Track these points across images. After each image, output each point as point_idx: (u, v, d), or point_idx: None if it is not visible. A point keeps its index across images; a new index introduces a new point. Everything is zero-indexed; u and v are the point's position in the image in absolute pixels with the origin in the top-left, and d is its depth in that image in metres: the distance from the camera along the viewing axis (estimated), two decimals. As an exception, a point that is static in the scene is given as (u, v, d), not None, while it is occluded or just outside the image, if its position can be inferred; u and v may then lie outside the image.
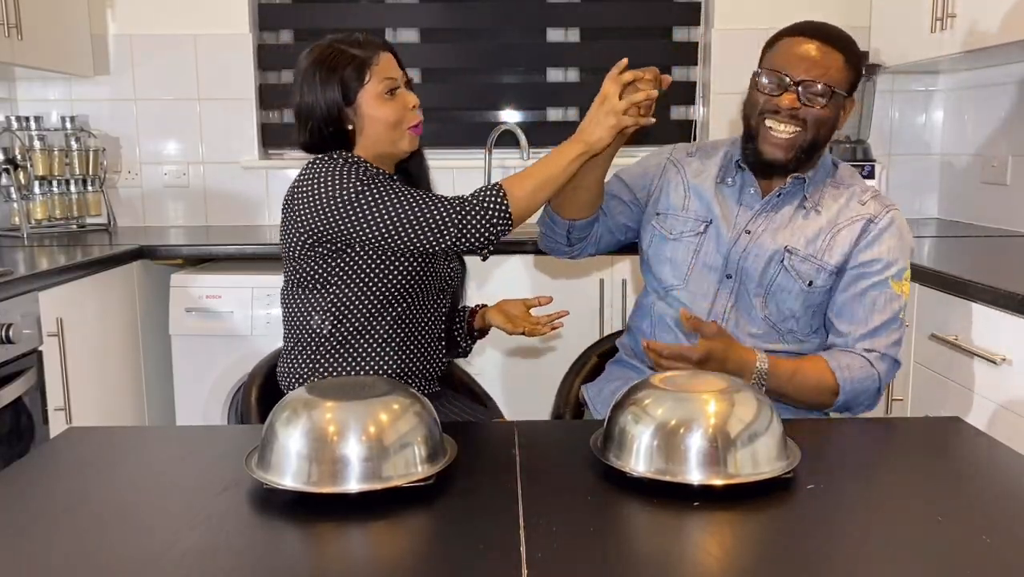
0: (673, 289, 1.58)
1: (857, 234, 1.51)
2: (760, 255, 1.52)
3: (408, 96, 1.51)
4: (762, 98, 1.48)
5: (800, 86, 1.45)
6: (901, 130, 3.13)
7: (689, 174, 1.63)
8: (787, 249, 1.51)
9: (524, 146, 2.98)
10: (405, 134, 1.51)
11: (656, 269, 1.61)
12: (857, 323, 1.49)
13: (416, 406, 1.05)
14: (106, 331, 2.37)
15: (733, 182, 1.58)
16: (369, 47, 1.49)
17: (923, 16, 2.56)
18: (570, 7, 3.14)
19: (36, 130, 2.81)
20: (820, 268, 1.50)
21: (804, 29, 1.51)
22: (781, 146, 1.47)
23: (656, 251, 1.61)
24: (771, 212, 1.54)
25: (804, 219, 1.53)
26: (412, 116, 1.51)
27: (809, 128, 1.46)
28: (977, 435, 1.20)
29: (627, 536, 0.91)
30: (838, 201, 1.54)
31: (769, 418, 1.04)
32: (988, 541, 0.88)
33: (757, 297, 1.52)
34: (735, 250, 1.53)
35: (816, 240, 1.51)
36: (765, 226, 1.54)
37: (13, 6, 2.44)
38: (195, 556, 0.86)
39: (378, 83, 1.47)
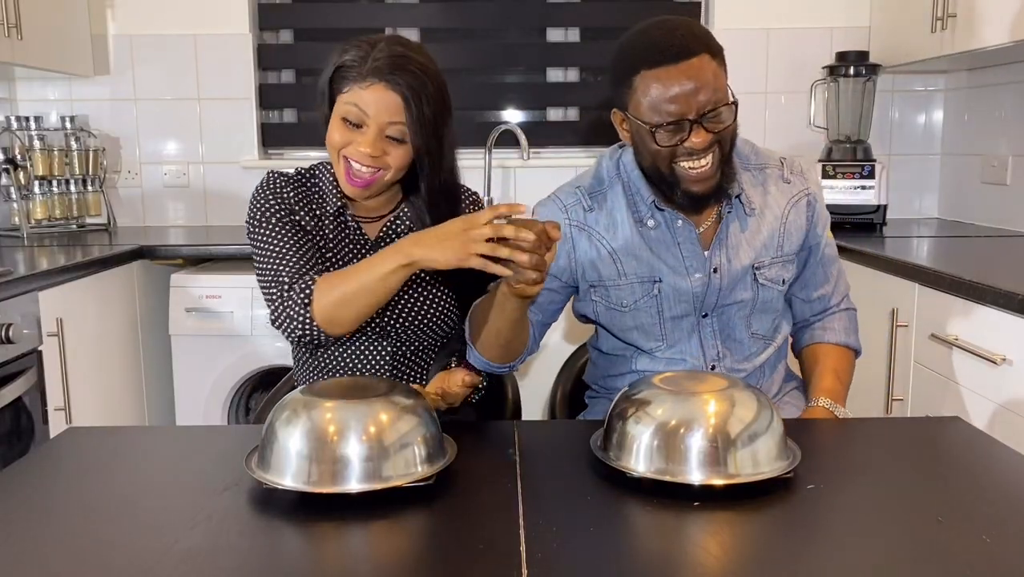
0: (655, 351, 1.49)
1: (805, 212, 1.50)
2: (734, 287, 1.45)
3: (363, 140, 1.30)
4: (666, 150, 1.32)
5: (702, 120, 1.30)
6: (901, 130, 3.13)
7: (603, 233, 1.44)
8: (755, 267, 1.45)
9: (524, 146, 2.98)
10: (340, 165, 1.34)
11: (623, 336, 1.50)
12: (827, 284, 1.59)
13: (416, 406, 1.05)
14: (106, 331, 2.37)
15: (655, 223, 1.43)
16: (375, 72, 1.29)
17: (923, 16, 2.57)
18: (570, 7, 3.14)
19: (36, 130, 2.81)
20: (785, 263, 1.49)
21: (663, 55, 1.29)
22: (706, 178, 1.34)
23: (613, 321, 1.48)
24: (723, 239, 1.44)
25: (751, 228, 1.45)
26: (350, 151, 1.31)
27: (723, 146, 1.35)
28: (977, 435, 1.20)
29: (627, 536, 0.91)
30: (765, 189, 1.47)
31: (769, 418, 1.04)
32: (988, 541, 0.88)
33: (741, 323, 1.48)
34: (709, 292, 1.44)
35: (773, 242, 1.47)
36: (727, 256, 1.44)
37: (13, 6, 2.44)
38: (195, 556, 0.86)
39: (345, 102, 1.31)
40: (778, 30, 3.04)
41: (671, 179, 1.35)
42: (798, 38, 3.04)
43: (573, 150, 3.20)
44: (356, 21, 3.12)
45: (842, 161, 2.78)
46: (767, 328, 1.53)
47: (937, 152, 3.13)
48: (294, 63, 3.16)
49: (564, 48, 3.19)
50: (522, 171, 3.14)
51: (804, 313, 1.61)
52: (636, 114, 1.34)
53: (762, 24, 3.05)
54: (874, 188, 2.71)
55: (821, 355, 1.57)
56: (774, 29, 3.05)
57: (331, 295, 1.23)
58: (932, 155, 3.13)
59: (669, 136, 1.31)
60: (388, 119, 1.30)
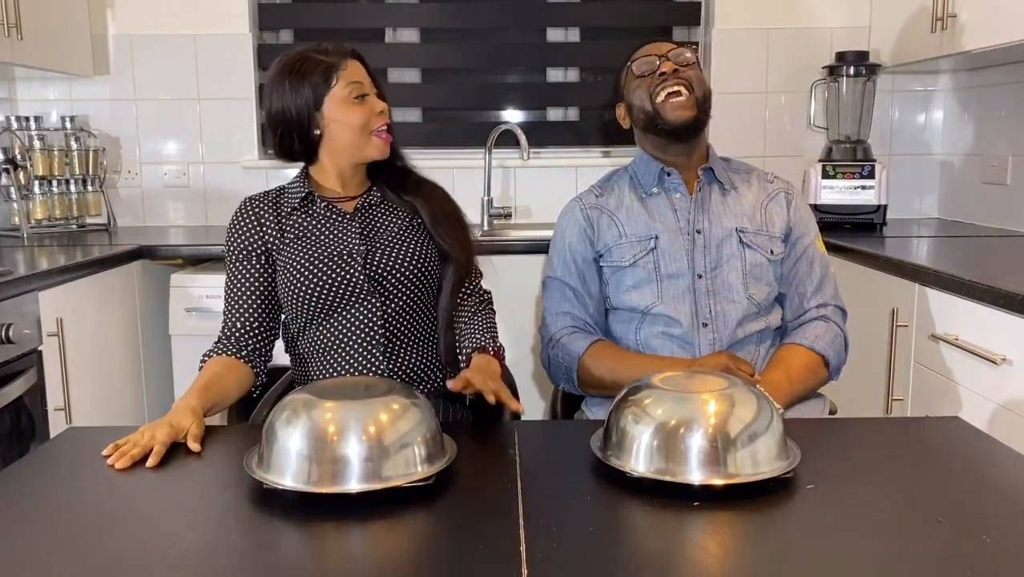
0: (652, 308, 1.61)
1: (784, 205, 1.69)
2: (721, 245, 1.63)
3: (376, 102, 1.51)
4: (645, 81, 1.64)
5: (668, 56, 1.64)
6: (901, 130, 3.13)
7: (612, 208, 1.70)
8: (738, 230, 1.64)
9: (524, 146, 2.98)
10: (371, 139, 1.50)
11: (624, 298, 1.64)
12: (805, 282, 1.66)
13: (416, 406, 1.05)
14: (106, 331, 2.37)
15: (658, 190, 1.68)
16: (337, 54, 1.49)
17: (923, 16, 2.57)
18: (570, 7, 3.14)
19: (36, 130, 2.81)
20: (771, 237, 1.65)
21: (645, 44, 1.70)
22: (683, 107, 1.60)
23: (617, 282, 1.65)
24: (703, 204, 1.66)
25: (734, 200, 1.67)
26: (378, 119, 1.50)
27: (695, 87, 1.62)
28: (977, 435, 1.20)
29: (627, 536, 0.91)
30: (749, 182, 1.71)
31: (769, 418, 1.04)
32: (988, 541, 0.88)
33: (739, 282, 1.61)
34: (696, 251, 1.62)
35: (755, 216, 1.66)
36: (708, 219, 1.65)
37: (13, 6, 2.44)
38: (195, 556, 0.86)
39: (344, 87, 1.47)
40: (778, 30, 3.04)
41: (654, 113, 1.63)
42: (798, 38, 3.04)
43: (573, 150, 3.20)
44: (356, 21, 3.12)
45: (842, 161, 2.78)
46: (763, 297, 1.63)
47: (937, 152, 3.13)
48: (294, 63, 3.16)
49: (564, 48, 3.19)
50: (522, 171, 3.14)
51: (786, 315, 1.67)
52: (628, 86, 1.69)
53: (762, 24, 3.05)
54: (874, 188, 2.71)
55: (780, 354, 1.62)
56: (774, 29, 3.05)
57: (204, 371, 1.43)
58: (932, 155, 3.13)
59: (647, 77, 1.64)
60: (369, 80, 1.52)
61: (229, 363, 1.46)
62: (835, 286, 1.69)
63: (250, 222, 1.53)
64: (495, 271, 2.63)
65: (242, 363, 1.47)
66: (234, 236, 1.54)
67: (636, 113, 1.67)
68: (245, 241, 1.52)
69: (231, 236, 1.54)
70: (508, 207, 3.14)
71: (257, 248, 1.52)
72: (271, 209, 1.55)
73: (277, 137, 1.52)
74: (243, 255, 1.52)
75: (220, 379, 1.41)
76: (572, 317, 1.68)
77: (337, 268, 1.48)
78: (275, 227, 1.53)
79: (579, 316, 1.68)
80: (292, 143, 1.51)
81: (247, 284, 1.51)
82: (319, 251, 1.49)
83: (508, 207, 3.14)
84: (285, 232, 1.52)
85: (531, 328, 2.55)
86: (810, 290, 1.65)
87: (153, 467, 1.09)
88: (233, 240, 1.53)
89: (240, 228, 1.53)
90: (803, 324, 1.64)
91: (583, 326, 1.68)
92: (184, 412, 1.21)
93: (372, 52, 3.11)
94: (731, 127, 3.01)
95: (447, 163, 3.10)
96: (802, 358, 1.59)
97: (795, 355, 1.59)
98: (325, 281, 1.48)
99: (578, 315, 1.68)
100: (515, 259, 2.57)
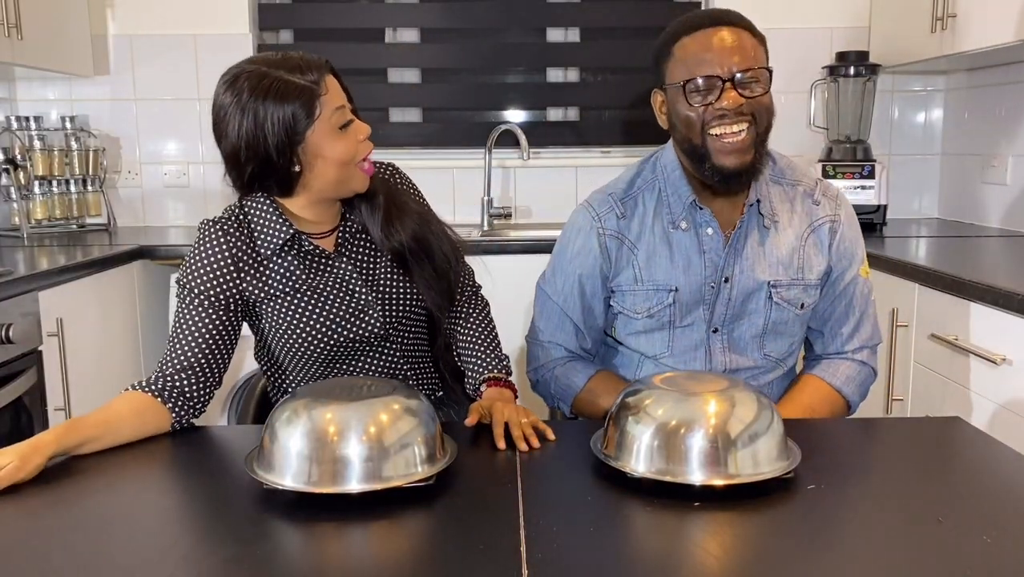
0: (659, 357, 1.49)
1: (827, 239, 1.47)
2: (747, 301, 1.44)
3: (360, 127, 1.31)
4: (699, 109, 1.32)
5: (736, 79, 1.31)
6: (901, 130, 3.13)
7: (633, 238, 1.46)
8: (770, 285, 1.43)
9: (524, 146, 2.98)
10: (356, 173, 1.31)
11: (630, 340, 1.51)
12: (842, 322, 1.50)
13: (416, 406, 1.05)
14: (106, 331, 2.37)
15: (688, 226, 1.43)
16: (313, 70, 1.26)
17: (923, 16, 2.57)
18: (570, 7, 3.14)
19: (36, 130, 2.81)
20: (806, 288, 1.45)
21: (701, 21, 1.35)
22: (738, 150, 1.33)
23: (625, 323, 1.50)
24: (738, 248, 1.43)
25: (771, 242, 1.44)
26: (364, 148, 1.31)
27: (759, 121, 1.34)
28: (977, 435, 1.20)
29: (627, 536, 0.91)
30: (792, 205, 1.46)
31: (769, 418, 1.04)
32: (988, 541, 0.88)
33: (755, 339, 1.46)
34: (719, 302, 1.44)
35: (791, 262, 1.44)
36: (740, 268, 1.43)
37: (13, 6, 2.44)
38: (195, 556, 0.86)
39: (330, 116, 1.26)
40: (778, 30, 3.03)
41: (703, 150, 1.34)
42: (798, 38, 3.04)
43: (573, 150, 3.20)
44: (356, 21, 3.12)
45: (842, 161, 2.79)
46: (782, 353, 1.49)
47: (937, 152, 3.13)
48: (294, 63, 3.16)
49: (564, 48, 3.19)
50: (522, 171, 3.14)
51: (816, 348, 1.55)
52: (672, 79, 1.36)
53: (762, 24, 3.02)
54: (874, 188, 2.71)
55: (806, 387, 1.49)
56: (774, 29, 3.02)
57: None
58: (932, 155, 3.13)
59: (701, 96, 1.32)
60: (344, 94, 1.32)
61: (144, 403, 1.23)
62: (874, 321, 1.53)
63: (226, 269, 1.31)
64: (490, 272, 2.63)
65: (161, 406, 1.24)
66: (202, 276, 1.30)
67: (677, 130, 1.38)
68: (215, 287, 1.30)
69: (197, 273, 1.30)
70: (508, 207, 3.14)
71: (229, 298, 1.31)
72: (249, 251, 1.33)
73: (243, 171, 1.30)
74: (207, 299, 1.30)
75: (116, 421, 1.19)
76: (566, 349, 1.54)
77: (355, 324, 1.37)
78: (256, 275, 1.33)
79: (574, 349, 1.54)
80: (265, 180, 1.30)
81: (200, 328, 1.29)
82: (330, 306, 1.36)
83: (508, 207, 3.14)
84: (268, 280, 1.34)
85: (531, 328, 2.56)
86: (846, 332, 1.50)
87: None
88: (199, 279, 1.30)
89: (212, 271, 1.30)
90: (836, 360, 1.51)
91: (577, 357, 1.55)
92: (33, 449, 1.07)
93: (372, 52, 3.14)
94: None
95: (447, 163, 3.10)
96: (826, 397, 1.47)
97: (820, 393, 1.48)
98: (343, 337, 1.37)
99: (572, 348, 1.54)
100: (515, 259, 2.56)
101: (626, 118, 3.19)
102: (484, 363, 1.44)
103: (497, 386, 1.39)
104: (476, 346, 1.46)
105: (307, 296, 1.35)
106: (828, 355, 1.53)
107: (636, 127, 3.16)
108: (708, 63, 1.31)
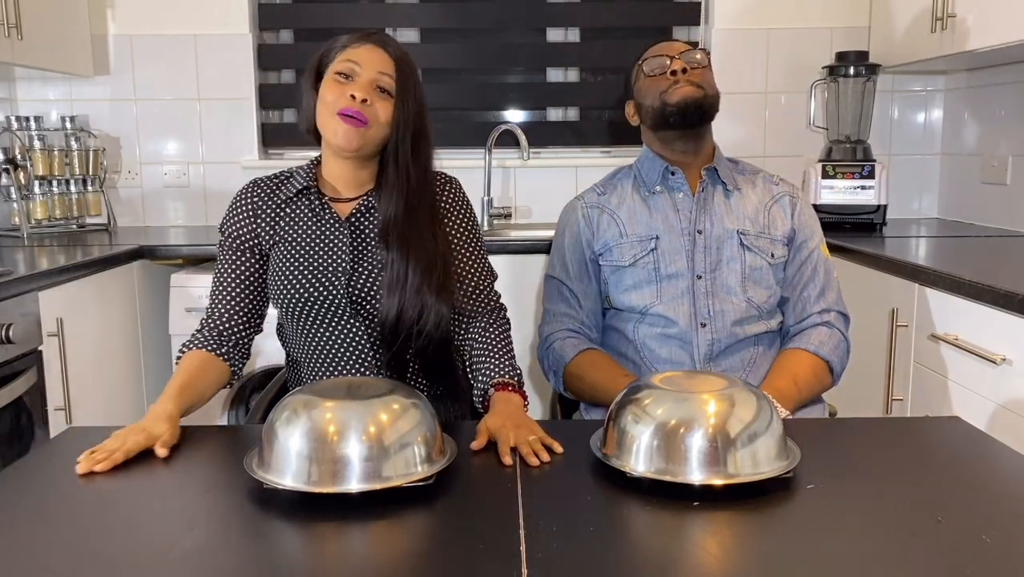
0: (650, 308, 1.62)
1: (788, 208, 1.69)
2: (721, 247, 1.63)
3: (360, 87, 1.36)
4: (655, 81, 1.64)
5: (680, 56, 1.64)
6: (901, 130, 3.13)
7: (613, 206, 1.70)
8: (739, 232, 1.63)
9: (524, 146, 2.98)
10: (332, 121, 1.36)
11: (623, 298, 1.65)
12: (808, 286, 1.66)
13: (416, 406, 1.05)
14: (106, 331, 2.37)
15: (661, 189, 1.68)
16: (362, 37, 1.42)
17: (923, 16, 2.57)
18: (570, 7, 3.14)
19: (36, 130, 2.81)
20: (772, 240, 1.65)
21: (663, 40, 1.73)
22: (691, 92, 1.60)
23: (617, 282, 1.66)
24: (706, 204, 1.66)
25: (737, 201, 1.67)
26: (346, 101, 1.35)
27: (706, 88, 1.62)
28: (977, 435, 1.20)
29: (627, 536, 0.91)
30: (754, 184, 1.71)
31: (769, 418, 1.04)
32: (988, 541, 0.88)
33: (737, 284, 1.61)
34: (696, 251, 1.62)
35: (757, 218, 1.66)
36: (710, 220, 1.65)
37: (13, 6, 2.44)
38: (195, 556, 0.86)
39: (338, 64, 1.39)
40: (778, 30, 3.04)
41: (661, 106, 1.62)
42: (798, 38, 3.04)
43: (573, 150, 3.20)
44: (356, 21, 3.12)
45: (842, 161, 2.78)
46: (762, 300, 1.62)
47: (937, 152, 3.13)
48: (294, 63, 3.16)
49: (564, 48, 3.19)
50: (522, 171, 3.14)
51: (788, 319, 1.67)
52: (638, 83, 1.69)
53: (762, 24, 3.05)
54: (874, 188, 2.71)
55: (784, 360, 1.61)
56: (774, 29, 3.05)
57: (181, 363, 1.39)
58: (932, 155, 3.13)
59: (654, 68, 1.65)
60: (379, 69, 1.38)
61: (207, 359, 1.39)
62: (838, 291, 1.69)
63: (246, 212, 1.48)
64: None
65: (220, 360, 1.41)
66: (229, 223, 1.49)
67: (645, 111, 1.67)
68: (238, 230, 1.47)
69: (226, 222, 1.49)
70: (508, 207, 3.14)
71: (248, 240, 1.47)
72: (270, 197, 1.48)
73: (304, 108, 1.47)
74: (234, 244, 1.47)
75: (196, 379, 1.34)
76: (569, 319, 1.69)
77: (320, 283, 1.43)
78: (270, 219, 1.47)
79: (575, 317, 1.69)
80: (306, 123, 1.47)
81: (235, 275, 1.47)
82: (307, 259, 1.43)
83: (508, 207, 3.14)
84: (279, 224, 1.46)
85: (531, 328, 2.55)
86: (813, 295, 1.65)
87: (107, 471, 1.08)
88: (227, 227, 1.49)
89: (235, 216, 1.48)
90: (805, 329, 1.64)
91: (579, 329, 1.69)
92: (160, 419, 1.19)
93: (372, 52, 3.13)
94: (731, 127, 3.02)
95: (447, 163, 3.04)
96: (807, 363, 1.59)
97: (800, 360, 1.59)
98: (308, 295, 1.43)
99: (574, 316, 1.69)
100: (515, 259, 2.57)
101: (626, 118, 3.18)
102: (495, 369, 1.40)
103: (505, 391, 1.35)
104: (489, 355, 1.43)
105: (302, 246, 1.45)
106: (800, 324, 1.66)
107: (636, 127, 3.16)
108: (659, 55, 1.66)
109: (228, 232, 1.48)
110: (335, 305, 1.44)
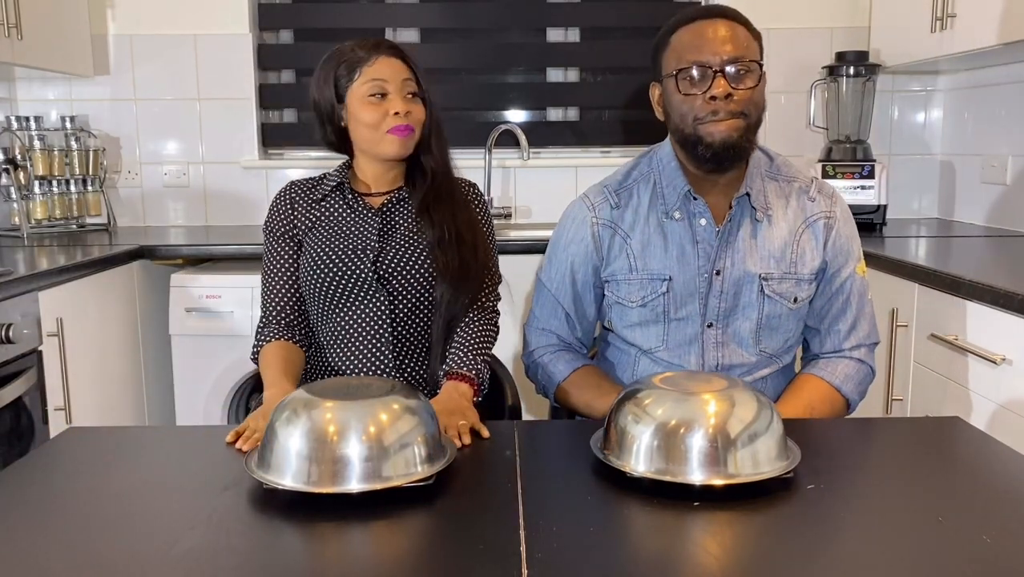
0: (654, 351, 1.51)
1: (821, 235, 1.48)
2: (739, 292, 1.45)
3: (395, 102, 1.49)
4: (691, 100, 1.37)
5: (726, 71, 1.35)
6: (901, 130, 3.13)
7: (626, 228, 1.49)
8: (762, 277, 1.45)
9: (524, 146, 2.98)
10: (385, 138, 1.51)
11: (626, 332, 1.52)
12: (839, 320, 1.51)
13: (416, 406, 1.05)
14: (106, 331, 2.37)
15: (682, 216, 1.46)
16: (373, 49, 1.51)
17: (923, 16, 2.57)
18: (570, 7, 3.14)
19: (36, 130, 2.81)
20: (798, 281, 1.47)
21: (699, 13, 1.41)
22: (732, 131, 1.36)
23: (620, 314, 1.52)
24: (729, 238, 1.45)
25: (763, 235, 1.45)
26: (392, 120, 1.49)
27: (748, 116, 1.37)
28: (977, 435, 1.20)
29: (627, 536, 0.91)
30: (786, 201, 1.48)
31: (769, 418, 1.04)
32: (988, 541, 0.88)
33: (749, 336, 1.47)
34: (711, 295, 1.46)
35: (784, 256, 1.46)
36: (731, 258, 1.45)
37: (13, 6, 2.44)
38: (195, 556, 0.86)
39: (364, 84, 1.50)
40: (778, 30, 3.04)
41: (694, 138, 1.39)
42: (798, 38, 3.04)
43: (573, 150, 3.20)
44: (356, 21, 3.12)
45: (842, 161, 2.79)
46: (776, 348, 1.50)
47: (937, 152, 3.13)
48: (294, 63, 3.17)
49: (564, 48, 3.19)
50: (522, 171, 3.14)
51: (813, 347, 1.55)
52: (667, 70, 1.41)
53: (762, 24, 3.01)
54: (874, 188, 2.72)
55: (805, 386, 1.49)
56: (774, 29, 3.04)
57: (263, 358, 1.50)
58: (932, 155, 3.13)
59: (692, 85, 1.36)
60: (403, 77, 1.51)
61: (286, 347, 1.51)
62: (872, 321, 1.53)
63: (285, 206, 1.60)
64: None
65: (296, 346, 1.53)
66: (271, 218, 1.60)
67: (672, 125, 1.44)
68: (279, 223, 1.59)
69: (269, 218, 1.61)
70: (508, 207, 3.14)
71: (288, 231, 1.58)
72: (306, 194, 1.60)
73: (322, 125, 1.58)
74: (278, 235, 1.58)
75: (291, 363, 1.47)
76: (558, 337, 1.58)
77: (348, 261, 1.52)
78: (306, 213, 1.58)
79: (565, 337, 1.58)
80: (325, 132, 1.58)
81: (283, 266, 1.57)
82: (336, 242, 1.54)
83: (508, 207, 3.14)
84: (313, 215, 1.58)
85: (531, 328, 2.55)
86: (844, 330, 1.51)
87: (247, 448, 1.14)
88: (269, 222, 1.60)
89: (276, 211, 1.60)
90: (834, 359, 1.51)
91: (567, 347, 1.58)
92: None
93: (372, 52, 3.13)
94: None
95: (447, 163, 3.09)
96: (826, 395, 1.48)
97: (819, 389, 1.48)
98: (336, 273, 1.52)
99: (564, 336, 1.58)
100: (515, 259, 2.57)
101: (626, 118, 3.19)
102: (458, 360, 1.48)
103: (454, 380, 1.44)
104: (461, 347, 1.51)
105: (334, 231, 1.55)
106: (826, 354, 1.53)
107: (636, 127, 3.16)
108: (700, 51, 1.36)
109: (271, 228, 1.60)
110: (362, 280, 1.52)
